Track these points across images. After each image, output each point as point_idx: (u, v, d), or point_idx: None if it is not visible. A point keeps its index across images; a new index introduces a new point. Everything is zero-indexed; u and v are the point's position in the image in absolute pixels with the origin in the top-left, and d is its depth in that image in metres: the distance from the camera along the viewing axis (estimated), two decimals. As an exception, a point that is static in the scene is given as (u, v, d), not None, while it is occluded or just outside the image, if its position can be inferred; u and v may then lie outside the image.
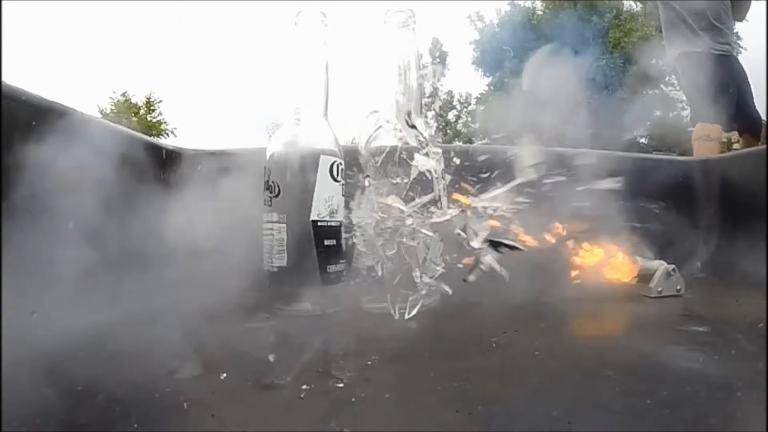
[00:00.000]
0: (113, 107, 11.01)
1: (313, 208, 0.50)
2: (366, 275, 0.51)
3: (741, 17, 1.60)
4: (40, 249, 0.45)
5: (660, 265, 0.61)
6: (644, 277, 0.61)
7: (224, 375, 0.34)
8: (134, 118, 10.54)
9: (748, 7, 1.58)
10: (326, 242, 0.50)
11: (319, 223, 0.50)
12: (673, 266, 0.61)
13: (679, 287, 0.61)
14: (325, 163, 0.51)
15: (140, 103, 11.41)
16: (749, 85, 1.57)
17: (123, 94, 11.23)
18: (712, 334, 0.45)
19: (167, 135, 11.04)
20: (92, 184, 0.49)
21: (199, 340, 0.42)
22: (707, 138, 1.49)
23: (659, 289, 0.60)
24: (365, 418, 0.28)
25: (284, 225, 0.50)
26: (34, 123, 0.46)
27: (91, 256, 0.47)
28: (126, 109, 10.91)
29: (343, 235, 0.52)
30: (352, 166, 0.55)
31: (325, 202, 0.50)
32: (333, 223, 0.51)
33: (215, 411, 0.29)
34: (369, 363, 0.37)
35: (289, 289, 0.50)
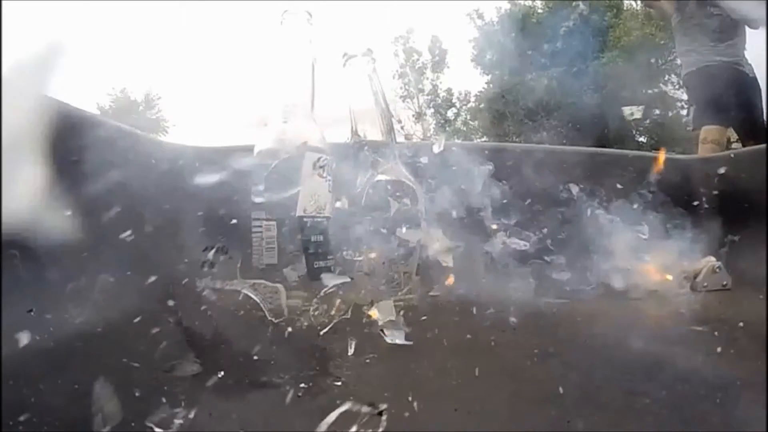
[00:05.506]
0: (112, 104, 10.99)
1: (299, 205, 0.49)
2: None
3: (756, 26, 1.60)
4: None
5: (707, 263, 0.63)
6: (692, 273, 0.64)
7: (221, 373, 0.33)
8: (133, 116, 10.52)
9: (764, 18, 1.58)
10: (313, 238, 0.50)
11: (305, 219, 0.50)
12: (719, 264, 0.63)
13: (725, 282, 0.63)
14: (310, 159, 0.50)
15: (139, 100, 11.39)
16: (760, 96, 1.57)
17: (122, 91, 11.21)
18: (712, 334, 0.44)
19: (166, 132, 11.02)
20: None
21: (195, 338, 0.42)
22: (704, 140, 1.51)
23: (705, 284, 0.62)
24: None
25: (273, 222, 0.49)
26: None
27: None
28: (126, 105, 10.88)
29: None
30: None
31: (311, 198, 0.50)
32: (319, 219, 0.51)
33: (212, 409, 0.28)
34: (367, 361, 0.37)
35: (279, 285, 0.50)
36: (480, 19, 10.60)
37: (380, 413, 0.27)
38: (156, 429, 0.26)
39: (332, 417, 0.26)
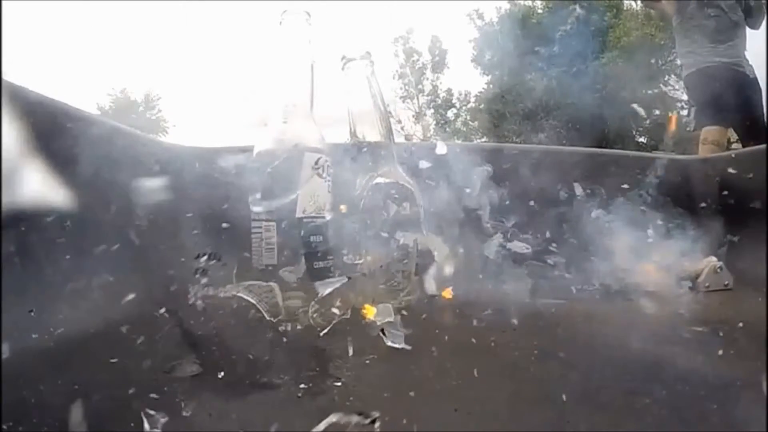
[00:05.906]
0: (112, 104, 10.98)
1: (298, 205, 0.49)
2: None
3: (757, 27, 1.61)
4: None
5: (708, 263, 0.63)
6: (693, 273, 0.64)
7: (221, 373, 0.33)
8: (133, 116, 10.51)
9: (764, 18, 1.59)
10: (312, 239, 0.50)
11: (305, 220, 0.50)
12: (720, 263, 0.63)
13: (726, 282, 0.63)
14: (310, 159, 0.50)
15: (139, 100, 11.38)
16: (760, 96, 1.57)
17: (122, 91, 11.20)
18: (712, 335, 0.44)
19: (166, 132, 11.01)
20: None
21: (195, 338, 0.42)
22: (704, 141, 1.52)
23: (707, 284, 0.62)
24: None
25: (273, 223, 0.49)
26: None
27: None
28: (126, 106, 10.87)
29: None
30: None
31: (311, 198, 0.50)
32: (319, 220, 0.51)
33: (212, 410, 0.28)
34: (367, 362, 0.37)
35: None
36: (480, 19, 10.60)
37: (373, 422, 0.27)
38: (155, 429, 0.26)
39: (321, 427, 0.26)
